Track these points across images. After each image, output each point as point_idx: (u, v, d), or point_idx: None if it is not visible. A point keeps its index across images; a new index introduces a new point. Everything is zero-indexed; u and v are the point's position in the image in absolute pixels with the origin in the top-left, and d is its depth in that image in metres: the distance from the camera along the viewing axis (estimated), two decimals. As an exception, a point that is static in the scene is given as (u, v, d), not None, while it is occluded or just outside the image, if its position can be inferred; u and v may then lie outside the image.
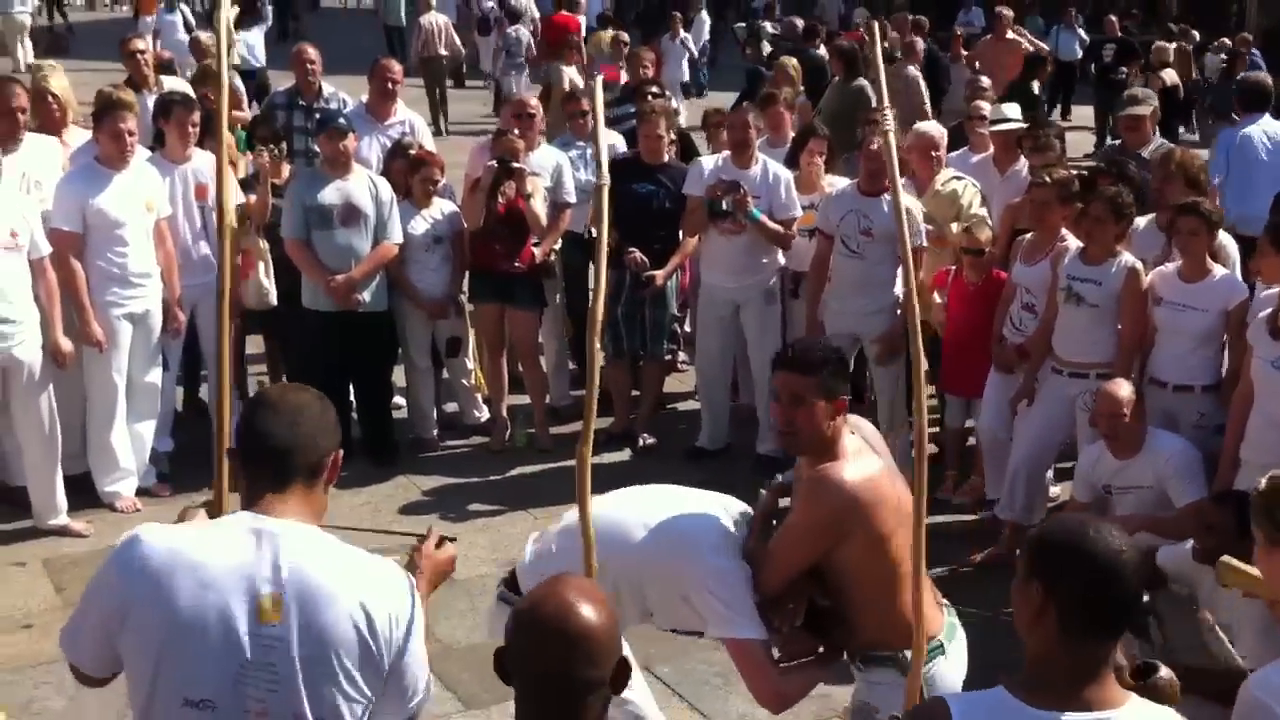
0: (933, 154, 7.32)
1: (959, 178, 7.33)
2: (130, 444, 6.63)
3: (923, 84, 12.18)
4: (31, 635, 5.47)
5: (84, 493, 6.51)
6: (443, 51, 17.98)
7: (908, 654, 3.41)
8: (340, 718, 2.45)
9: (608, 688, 2.29)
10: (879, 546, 3.47)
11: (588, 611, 2.27)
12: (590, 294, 8.04)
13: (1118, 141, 8.34)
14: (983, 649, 3.84)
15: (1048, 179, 6.35)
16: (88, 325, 6.37)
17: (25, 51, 19.59)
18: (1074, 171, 7.04)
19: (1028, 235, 6.52)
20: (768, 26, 20.24)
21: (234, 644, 2.40)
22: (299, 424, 2.56)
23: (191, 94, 8.07)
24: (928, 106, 11.86)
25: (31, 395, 6.17)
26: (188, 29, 16.80)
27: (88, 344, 6.40)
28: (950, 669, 3.61)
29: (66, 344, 6.27)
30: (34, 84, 7.04)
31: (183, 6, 18.03)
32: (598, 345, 3.23)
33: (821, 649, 3.74)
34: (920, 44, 13.75)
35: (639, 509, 3.75)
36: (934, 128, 7.73)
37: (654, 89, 9.13)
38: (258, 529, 2.47)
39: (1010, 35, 14.86)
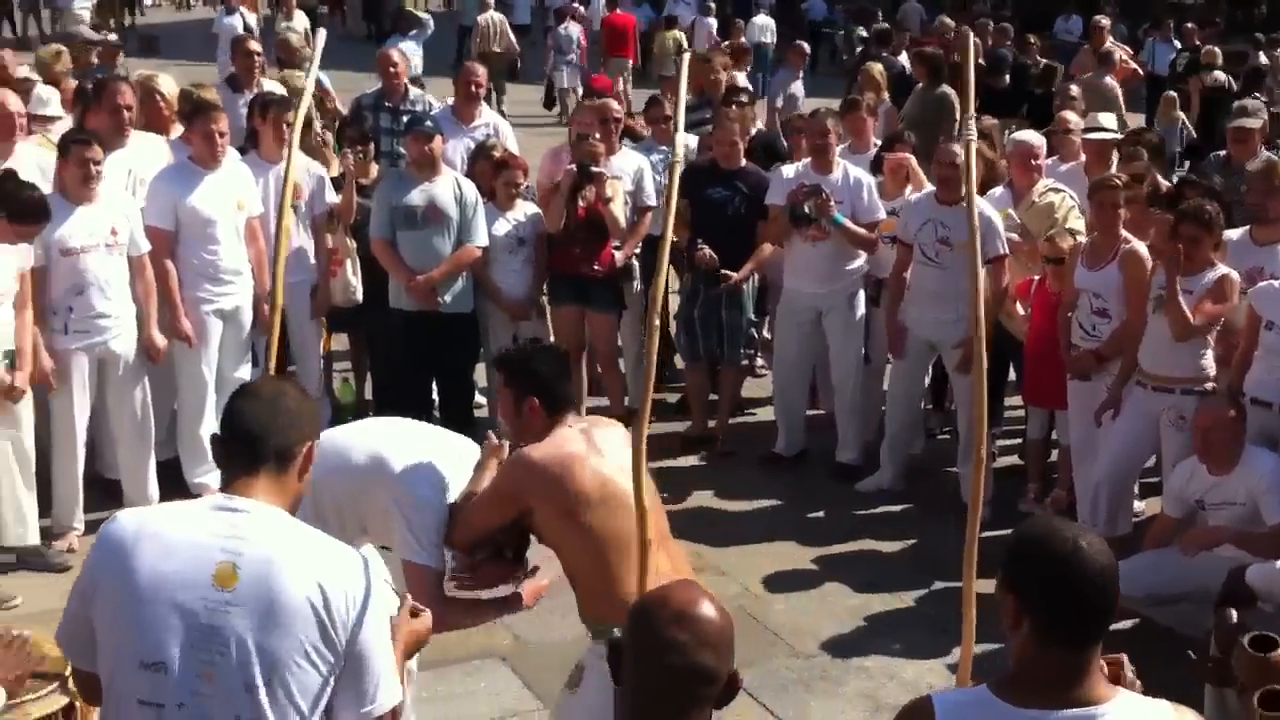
0: (1031, 162, 7.24)
1: (1057, 189, 7.23)
2: (219, 437, 6.75)
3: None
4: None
5: (173, 484, 6.65)
6: (496, 49, 18.26)
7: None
8: (291, 693, 2.46)
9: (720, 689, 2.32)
10: (568, 522, 3.71)
11: (721, 615, 2.33)
12: (673, 297, 8.17)
13: (1222, 153, 8.20)
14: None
15: (1108, 184, 6.30)
16: (178, 321, 6.52)
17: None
18: (1153, 180, 6.97)
19: (1088, 239, 6.48)
20: (860, 31, 20.07)
21: (187, 609, 2.46)
22: (273, 411, 2.65)
23: (288, 95, 8.21)
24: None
25: (126, 387, 6.34)
26: (247, 30, 16.84)
27: (178, 339, 6.54)
28: None
29: (160, 339, 6.43)
30: (142, 83, 7.21)
31: (242, 10, 17.85)
32: (655, 321, 3.40)
33: (508, 596, 4.05)
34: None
35: (373, 437, 4.10)
36: (1033, 136, 7.61)
37: (738, 96, 9.11)
38: (223, 505, 2.56)
39: (1107, 45, 14.66)
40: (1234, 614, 4.00)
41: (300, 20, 16.71)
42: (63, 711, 3.53)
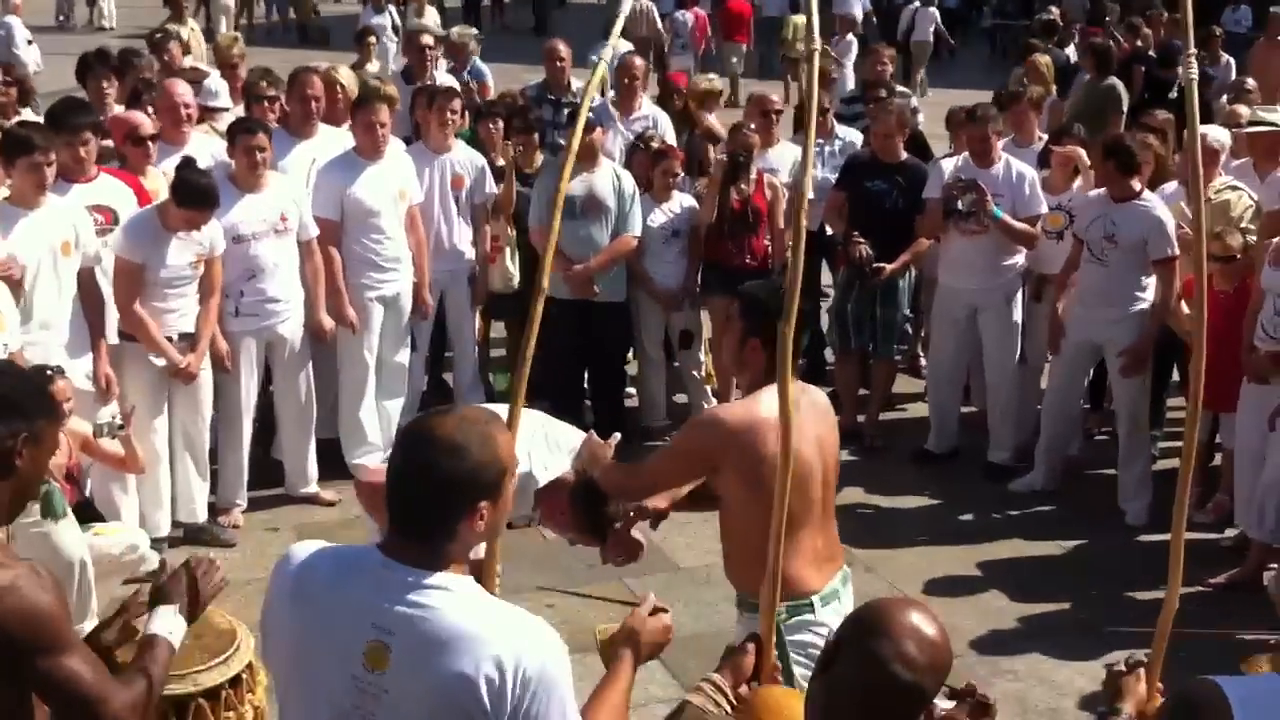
0: (1212, 157, 6.99)
1: (1235, 187, 6.97)
2: (378, 420, 6.97)
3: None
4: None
5: (332, 465, 6.86)
6: (645, 33, 18.32)
7: (783, 609, 3.44)
8: None
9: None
10: (751, 491, 3.51)
11: (947, 644, 2.29)
12: (827, 292, 8.13)
13: None
14: (1217, 670, 3.71)
15: None
16: (343, 308, 6.72)
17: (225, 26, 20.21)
18: None
19: (1275, 240, 6.23)
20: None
21: (342, 686, 2.33)
22: (460, 460, 2.32)
23: (455, 86, 8.38)
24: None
25: (292, 370, 6.56)
26: (395, 31, 16.87)
27: (342, 325, 6.75)
28: (820, 625, 3.61)
29: (329, 322, 6.64)
30: (325, 76, 7.42)
31: (391, 8, 17.92)
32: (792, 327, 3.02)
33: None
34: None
35: None
36: (1216, 130, 7.36)
37: (886, 88, 8.99)
38: (390, 566, 2.34)
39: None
40: None
41: (431, 15, 16.71)
42: (229, 683, 3.63)
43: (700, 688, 2.79)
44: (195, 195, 5.77)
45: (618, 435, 4.06)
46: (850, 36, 17.08)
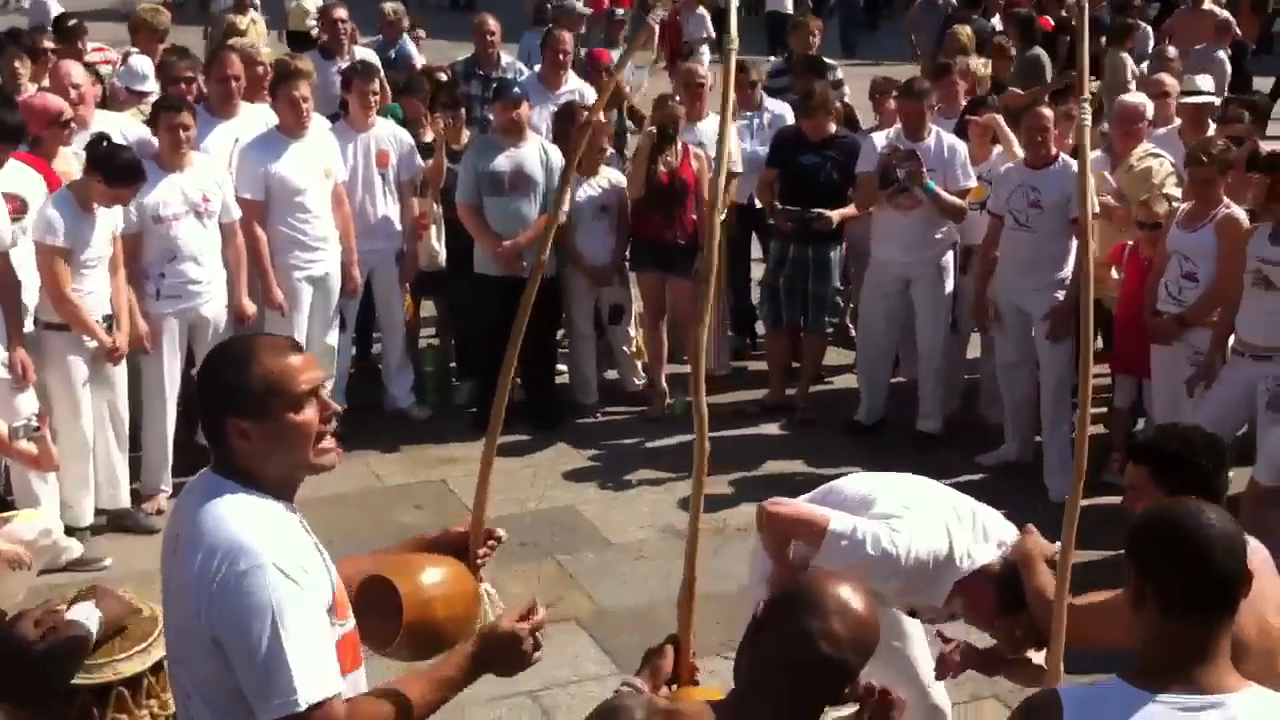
0: (1135, 126, 7.08)
1: (1156, 154, 7.04)
2: (307, 402, 6.86)
3: (1130, 64, 11.49)
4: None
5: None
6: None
7: None
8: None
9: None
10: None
11: (855, 620, 2.32)
12: (757, 264, 8.13)
13: None
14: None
15: (1204, 157, 6.13)
16: (270, 289, 6.62)
17: None
18: (1254, 143, 6.77)
19: (1186, 203, 6.32)
20: None
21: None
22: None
23: (376, 63, 8.27)
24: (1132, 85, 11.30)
25: (215, 353, 6.44)
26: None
27: (270, 307, 6.65)
28: None
29: (250, 306, 6.56)
30: (243, 53, 7.29)
31: None
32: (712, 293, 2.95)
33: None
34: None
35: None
36: (1139, 98, 7.42)
37: (814, 63, 8.96)
38: (203, 474, 2.54)
39: (1206, 6, 14.22)
40: None
41: None
42: (151, 670, 3.58)
43: (619, 692, 2.76)
44: (124, 171, 5.69)
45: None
46: None
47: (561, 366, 7.85)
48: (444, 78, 8.46)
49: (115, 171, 5.67)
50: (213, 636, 2.33)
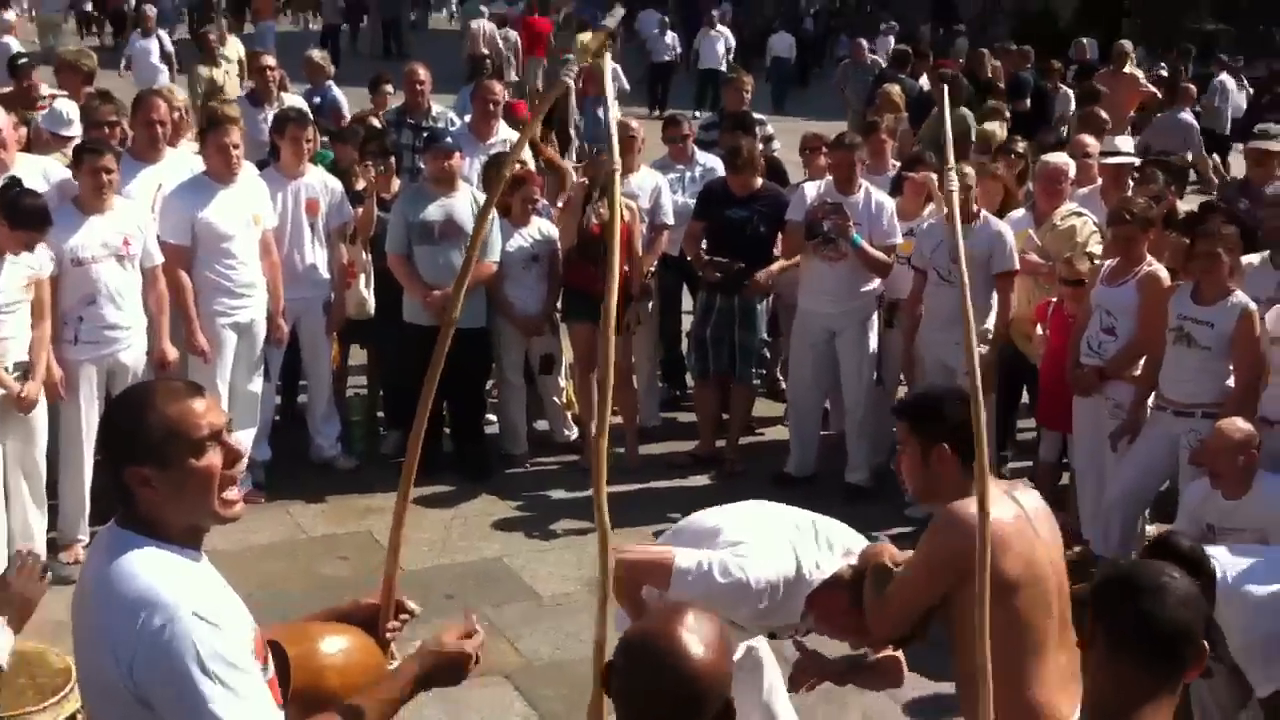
0: (1059, 185, 7.21)
1: (1079, 213, 7.19)
2: (229, 450, 6.75)
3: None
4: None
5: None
6: (484, 50, 18.41)
7: None
8: None
9: None
10: (998, 597, 3.04)
11: (698, 652, 2.20)
12: (686, 317, 8.17)
13: (1240, 177, 8.13)
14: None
15: (1127, 215, 6.27)
16: (194, 335, 6.52)
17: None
18: (1171, 203, 6.93)
19: (1110, 260, 6.45)
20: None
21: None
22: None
23: (307, 111, 8.24)
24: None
25: (134, 400, 6.32)
26: (165, 59, 16.26)
27: (193, 353, 6.55)
28: None
29: (172, 351, 6.45)
30: (166, 97, 7.19)
31: (160, 32, 17.08)
32: (611, 337, 2.87)
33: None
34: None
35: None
36: (1062, 158, 7.56)
37: (743, 120, 9.06)
38: (111, 527, 2.47)
39: (1128, 70, 14.59)
40: None
41: (234, 45, 14.42)
42: None
43: None
44: (28, 216, 5.59)
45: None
46: None
47: (491, 416, 7.81)
48: (378, 124, 8.44)
49: (20, 216, 5.58)
50: (138, 695, 2.26)
